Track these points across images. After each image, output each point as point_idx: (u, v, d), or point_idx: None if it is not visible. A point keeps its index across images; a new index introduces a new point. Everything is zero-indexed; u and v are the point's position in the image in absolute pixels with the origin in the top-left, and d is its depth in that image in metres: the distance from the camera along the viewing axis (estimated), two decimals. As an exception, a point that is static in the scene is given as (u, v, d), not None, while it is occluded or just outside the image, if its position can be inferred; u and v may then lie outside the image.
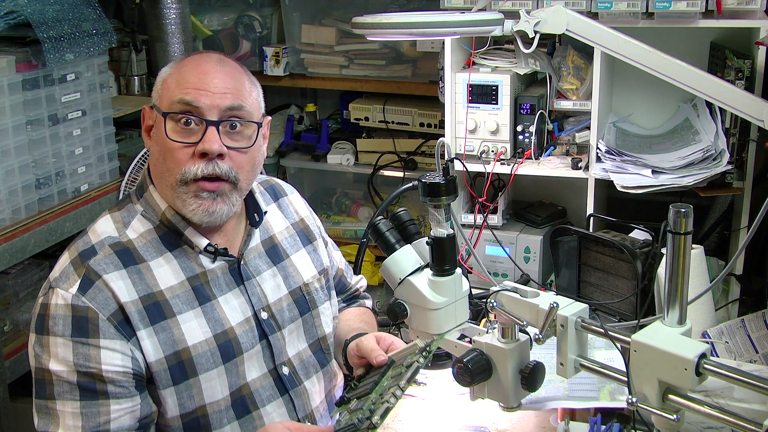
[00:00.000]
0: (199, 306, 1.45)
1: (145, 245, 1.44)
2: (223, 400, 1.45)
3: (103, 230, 1.45)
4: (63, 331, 1.34)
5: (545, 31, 1.82)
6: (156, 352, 1.39)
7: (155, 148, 1.45)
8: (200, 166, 1.40)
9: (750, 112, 1.68)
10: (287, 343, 1.56)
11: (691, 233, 1.17)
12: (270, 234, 1.62)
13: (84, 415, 1.33)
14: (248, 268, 1.54)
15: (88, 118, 2.54)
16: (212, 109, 1.41)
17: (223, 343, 1.45)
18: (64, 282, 1.37)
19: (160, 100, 1.45)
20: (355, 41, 3.16)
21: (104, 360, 1.34)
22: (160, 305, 1.40)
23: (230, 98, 1.43)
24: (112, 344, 1.35)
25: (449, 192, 1.39)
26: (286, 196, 1.72)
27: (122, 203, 1.51)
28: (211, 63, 1.45)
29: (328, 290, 1.69)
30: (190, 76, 1.43)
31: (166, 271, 1.44)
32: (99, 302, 1.35)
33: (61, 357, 1.33)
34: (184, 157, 1.40)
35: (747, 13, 2.01)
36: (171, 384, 1.40)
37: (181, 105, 1.40)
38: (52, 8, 2.35)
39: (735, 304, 2.12)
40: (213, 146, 1.39)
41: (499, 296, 1.37)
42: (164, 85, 1.45)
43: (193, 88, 1.41)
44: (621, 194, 2.12)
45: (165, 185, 1.44)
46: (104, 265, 1.39)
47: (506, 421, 1.65)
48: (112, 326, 1.35)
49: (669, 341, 1.18)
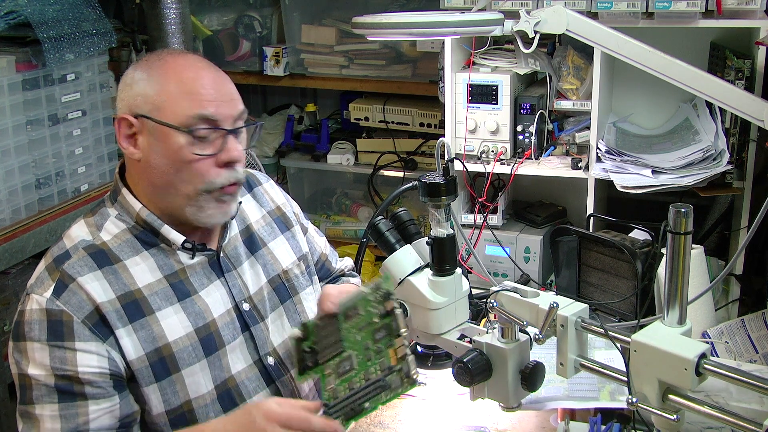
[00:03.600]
0: (179, 302, 1.45)
1: (120, 245, 1.44)
2: (208, 394, 1.45)
3: (77, 235, 1.44)
4: (39, 336, 1.34)
5: (545, 31, 1.82)
6: (136, 350, 1.39)
7: (160, 159, 1.40)
8: (226, 175, 1.42)
9: (750, 112, 1.68)
10: (271, 333, 1.56)
11: (691, 233, 1.17)
12: (246, 224, 1.62)
13: (63, 417, 1.34)
14: (228, 260, 1.54)
15: (88, 118, 2.54)
16: (227, 119, 1.41)
17: (204, 336, 1.45)
18: (39, 287, 1.37)
19: (157, 111, 1.39)
20: (355, 41, 3.16)
21: (80, 362, 1.34)
22: (138, 303, 1.40)
23: (237, 104, 1.44)
24: (87, 346, 1.35)
25: (449, 192, 1.39)
26: (261, 186, 1.72)
27: (96, 209, 1.50)
28: (207, 68, 1.44)
29: (309, 276, 1.69)
30: (195, 87, 1.39)
31: (143, 269, 1.43)
32: (73, 305, 1.35)
33: (38, 361, 1.34)
34: (207, 168, 1.40)
35: (747, 13, 2.01)
36: (153, 381, 1.40)
37: (198, 119, 1.38)
38: (52, 8, 2.35)
39: (735, 304, 2.12)
40: (239, 155, 1.42)
41: (499, 296, 1.37)
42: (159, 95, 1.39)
43: (208, 101, 1.39)
44: (621, 194, 2.12)
45: (174, 194, 1.42)
46: (78, 268, 1.38)
47: (506, 421, 1.65)
48: (86, 328, 1.35)
49: (669, 341, 1.19)
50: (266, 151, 3.46)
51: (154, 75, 1.41)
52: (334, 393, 1.34)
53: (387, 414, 1.71)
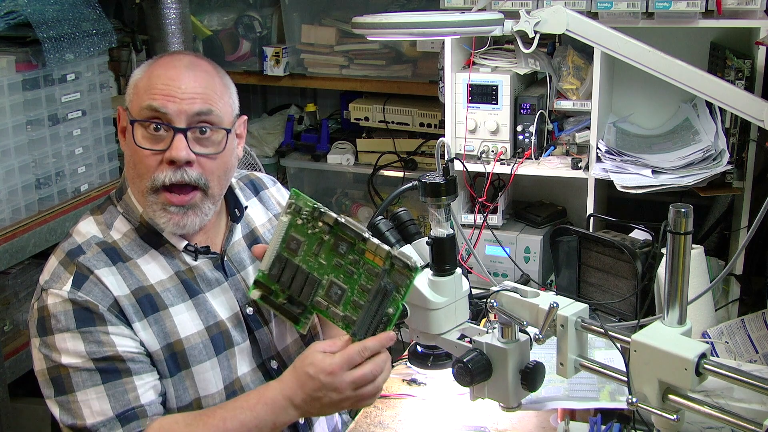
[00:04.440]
0: (190, 299, 1.45)
1: (129, 244, 1.44)
2: (217, 394, 1.46)
3: (87, 231, 1.45)
4: (68, 326, 1.34)
5: (545, 31, 1.82)
6: (152, 344, 1.39)
7: (127, 152, 1.43)
8: (168, 173, 1.38)
9: (750, 112, 1.68)
10: (275, 338, 1.56)
11: (691, 233, 1.17)
12: (251, 228, 1.62)
13: (110, 396, 1.33)
14: (232, 263, 1.54)
15: (88, 118, 2.54)
16: (180, 115, 1.38)
17: (215, 335, 1.46)
18: (56, 282, 1.37)
19: (131, 104, 1.42)
20: (355, 41, 3.16)
21: (117, 343, 1.35)
22: (152, 297, 1.41)
23: (199, 103, 1.39)
24: (119, 330, 1.35)
25: (449, 192, 1.39)
26: (267, 189, 1.71)
27: (103, 206, 1.50)
28: (181, 67, 1.42)
29: None
30: (157, 81, 1.39)
31: (154, 267, 1.44)
32: (96, 295, 1.36)
33: (72, 350, 1.33)
34: (153, 164, 1.39)
35: (747, 13, 2.01)
36: (167, 376, 1.41)
37: (149, 111, 1.38)
38: (52, 8, 2.35)
39: (735, 304, 2.12)
40: (180, 154, 1.37)
41: (499, 296, 1.37)
42: (135, 88, 1.42)
43: (161, 94, 1.38)
44: (621, 194, 2.12)
45: (137, 190, 1.44)
46: (95, 262, 1.39)
47: (506, 421, 1.65)
48: (113, 315, 1.36)
49: (669, 341, 1.18)
50: (266, 151, 3.46)
51: (143, 71, 1.44)
52: (347, 320, 1.31)
53: (387, 414, 1.71)
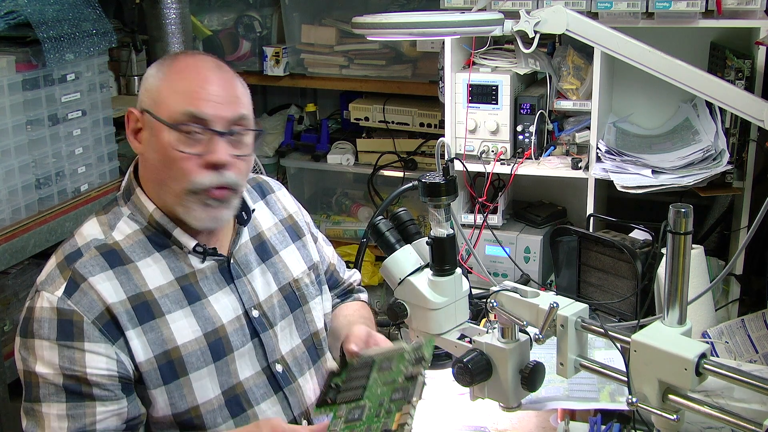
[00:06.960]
0: (189, 305, 1.44)
1: (132, 246, 1.44)
2: (215, 399, 1.45)
3: (89, 233, 1.44)
4: (48, 335, 1.34)
5: (545, 31, 1.82)
6: (145, 352, 1.39)
7: (154, 155, 1.42)
8: (210, 177, 1.40)
9: (750, 112, 1.68)
10: (280, 341, 1.56)
11: (691, 233, 1.17)
12: (258, 231, 1.62)
13: (70, 416, 1.34)
14: (238, 266, 1.54)
15: (88, 118, 2.54)
16: (219, 120, 1.40)
17: (213, 342, 1.45)
18: (50, 285, 1.37)
19: (155, 106, 1.41)
20: (355, 41, 3.16)
21: (89, 363, 1.34)
22: (148, 305, 1.40)
23: (235, 108, 1.42)
24: (96, 347, 1.35)
25: (449, 192, 1.39)
26: (274, 193, 1.71)
27: (109, 206, 1.50)
28: (211, 70, 1.43)
29: (319, 285, 1.69)
30: (192, 85, 1.40)
31: (155, 271, 1.43)
32: (84, 305, 1.35)
33: (47, 360, 1.34)
34: (192, 167, 1.39)
35: (747, 13, 2.01)
36: (161, 384, 1.40)
37: (187, 117, 1.38)
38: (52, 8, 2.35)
39: (735, 304, 2.12)
40: (223, 158, 1.39)
41: (499, 296, 1.37)
42: (158, 92, 1.42)
43: (198, 99, 1.39)
44: (621, 194, 2.12)
45: (167, 191, 1.43)
46: (90, 268, 1.38)
47: (506, 421, 1.65)
48: (96, 329, 1.35)
49: (669, 341, 1.19)
50: (266, 151, 3.46)
51: (163, 72, 1.44)
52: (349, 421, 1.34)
53: (387, 414, 1.71)
